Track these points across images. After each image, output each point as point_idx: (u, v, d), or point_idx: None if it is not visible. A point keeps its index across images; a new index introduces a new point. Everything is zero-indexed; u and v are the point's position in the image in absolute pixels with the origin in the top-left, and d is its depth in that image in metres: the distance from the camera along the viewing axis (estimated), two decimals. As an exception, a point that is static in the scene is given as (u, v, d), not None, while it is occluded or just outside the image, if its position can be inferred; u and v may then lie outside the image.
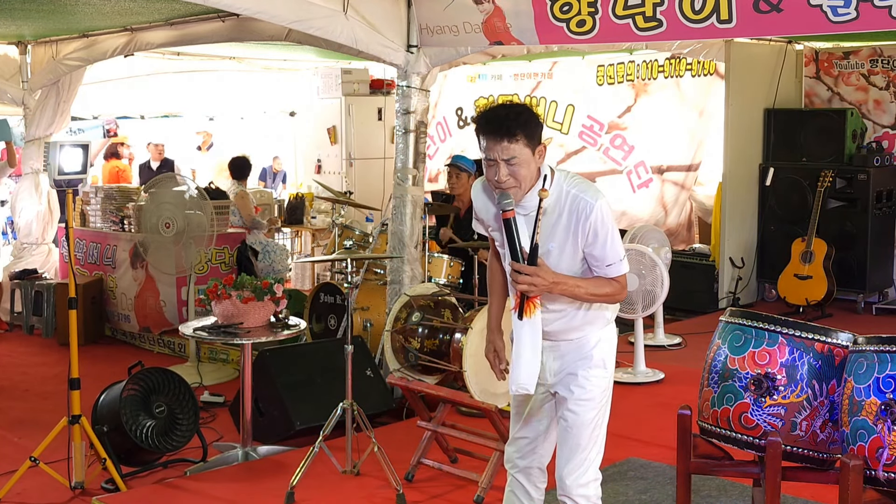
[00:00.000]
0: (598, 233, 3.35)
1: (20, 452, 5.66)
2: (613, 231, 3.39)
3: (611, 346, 3.60)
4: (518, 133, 3.29)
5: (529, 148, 3.32)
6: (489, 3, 6.10)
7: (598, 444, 3.55)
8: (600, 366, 3.53)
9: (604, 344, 3.56)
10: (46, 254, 10.23)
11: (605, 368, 3.55)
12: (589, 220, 3.34)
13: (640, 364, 7.11)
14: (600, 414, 3.55)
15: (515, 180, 3.33)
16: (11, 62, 9.99)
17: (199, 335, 5.50)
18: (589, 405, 3.50)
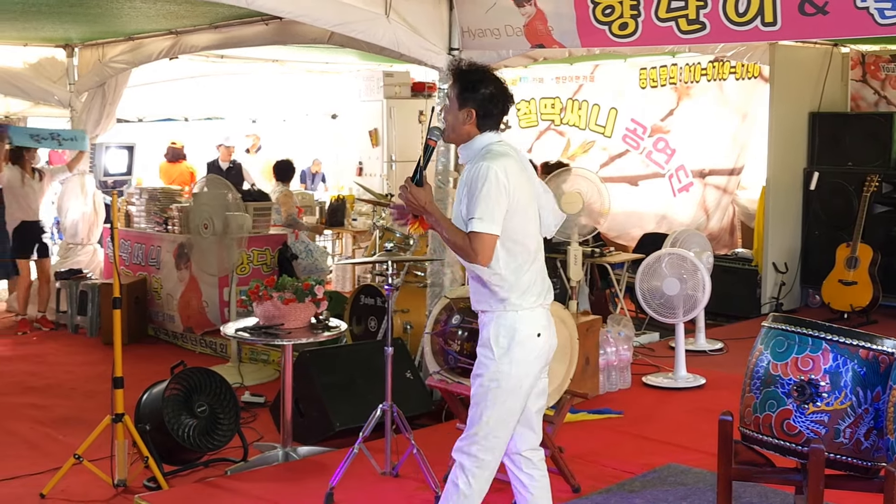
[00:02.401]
0: (471, 187, 3.63)
1: (64, 450, 5.73)
2: (487, 193, 3.58)
3: (502, 330, 3.68)
4: (456, 81, 3.80)
5: (457, 100, 3.77)
6: (531, 5, 6.09)
7: (481, 422, 3.69)
8: (486, 346, 3.70)
9: (492, 326, 3.70)
10: (92, 254, 10.36)
11: (491, 350, 3.68)
12: (471, 173, 3.66)
13: (680, 369, 7.06)
14: (485, 395, 3.69)
15: (443, 121, 3.84)
16: (59, 65, 10.13)
17: (240, 336, 5.54)
18: (476, 381, 3.73)
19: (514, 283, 3.69)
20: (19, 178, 9.51)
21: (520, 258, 3.71)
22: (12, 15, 7.77)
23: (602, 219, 7.28)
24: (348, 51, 8.82)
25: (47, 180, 9.78)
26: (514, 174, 3.68)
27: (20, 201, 9.56)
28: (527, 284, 3.72)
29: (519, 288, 3.70)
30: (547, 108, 11.97)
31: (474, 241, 3.59)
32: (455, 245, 3.67)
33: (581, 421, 6.13)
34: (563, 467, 4.90)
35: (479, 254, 3.59)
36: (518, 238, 3.70)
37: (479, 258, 3.60)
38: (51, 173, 9.91)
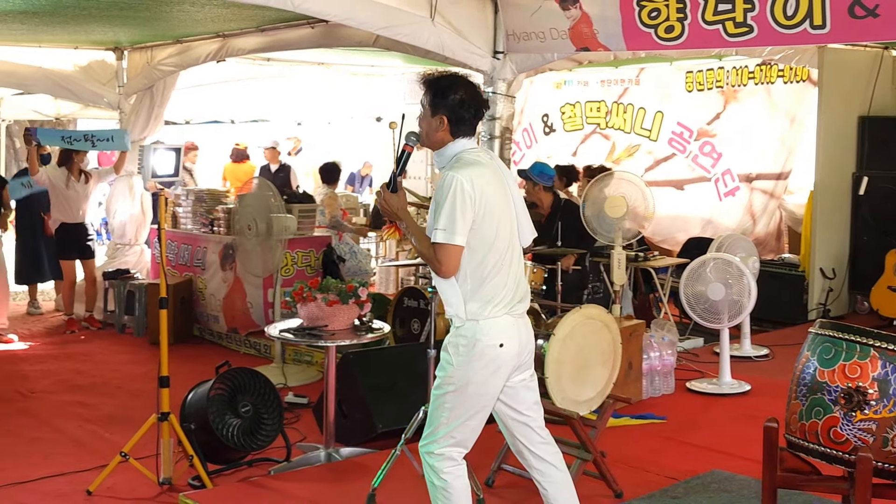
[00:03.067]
0: (438, 197, 3.66)
1: (111, 447, 5.80)
2: (451, 204, 3.60)
3: (461, 340, 3.70)
4: (427, 89, 3.82)
5: (430, 107, 3.80)
6: (576, 9, 6.08)
7: (439, 424, 3.75)
8: (446, 350, 3.75)
9: (456, 334, 3.74)
10: (139, 254, 10.48)
11: (450, 355, 3.72)
12: (439, 184, 3.69)
13: (725, 375, 7.00)
14: (444, 395, 3.74)
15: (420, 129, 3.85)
16: (108, 67, 10.27)
17: (284, 337, 5.58)
18: (438, 380, 3.78)
19: (475, 292, 3.69)
20: (64, 180, 9.62)
21: (486, 267, 3.70)
22: (64, 18, 7.89)
23: (646, 223, 7.24)
24: (393, 54, 8.85)
25: (93, 183, 9.86)
26: (483, 183, 3.67)
27: (62, 203, 9.67)
28: (490, 294, 3.70)
29: (481, 297, 3.69)
30: (592, 111, 11.92)
31: (438, 252, 3.62)
32: (422, 254, 3.72)
33: (624, 426, 6.09)
34: (606, 472, 4.87)
35: (443, 264, 3.62)
36: (485, 247, 3.68)
37: (443, 269, 3.63)
38: (98, 175, 10.02)
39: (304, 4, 5.63)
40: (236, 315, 8.89)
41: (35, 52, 9.76)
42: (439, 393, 3.76)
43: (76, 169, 9.68)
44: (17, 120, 14.63)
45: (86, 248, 9.85)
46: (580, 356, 4.75)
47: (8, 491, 5.37)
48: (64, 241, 9.78)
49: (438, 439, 3.77)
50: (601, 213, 7.07)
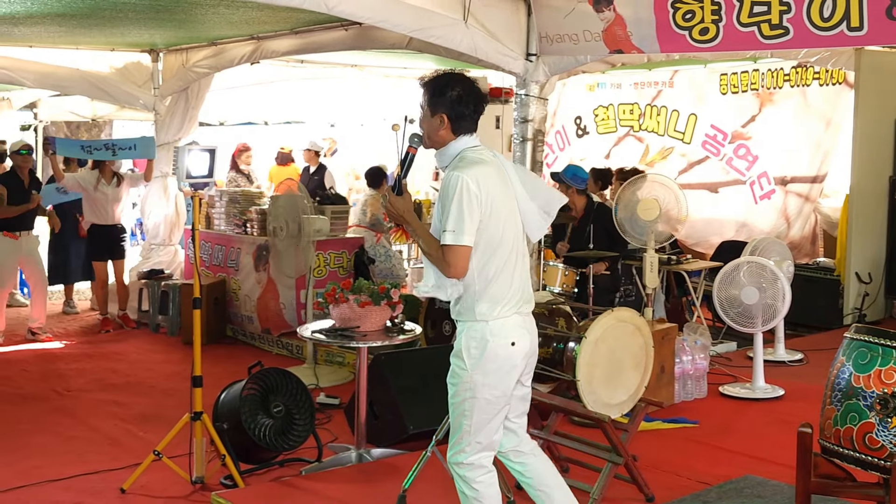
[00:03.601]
0: (443, 198, 3.66)
1: (144, 446, 5.85)
2: (458, 205, 3.59)
3: (474, 341, 3.70)
4: (425, 89, 3.83)
5: (428, 107, 3.80)
6: (610, 11, 6.06)
7: (461, 430, 3.75)
8: (458, 356, 3.72)
9: (464, 336, 3.73)
10: (173, 255, 10.56)
11: (463, 360, 3.70)
12: (443, 183, 3.69)
13: (759, 379, 6.94)
14: (462, 402, 3.72)
15: (422, 131, 3.84)
16: (144, 69, 10.36)
17: (316, 338, 5.60)
18: (451, 390, 3.77)
19: (484, 292, 3.69)
20: (93, 183, 9.72)
21: (492, 267, 3.70)
22: (100, 20, 7.97)
23: (680, 225, 7.20)
24: (426, 56, 8.86)
25: (125, 186, 9.95)
26: (488, 182, 3.67)
27: (92, 205, 9.79)
28: (499, 294, 3.71)
29: (489, 297, 3.70)
30: (625, 113, 11.88)
31: (447, 253, 3.61)
32: (430, 256, 3.70)
33: (656, 430, 6.07)
34: (637, 476, 4.85)
35: (452, 266, 3.62)
36: (491, 247, 3.69)
37: (452, 270, 3.63)
38: (129, 180, 10.11)
39: (339, 7, 5.65)
40: (269, 316, 8.94)
41: (72, 54, 9.86)
42: (457, 401, 3.75)
43: (108, 172, 9.77)
44: (54, 121, 14.79)
45: (117, 249, 9.94)
46: (612, 359, 4.73)
47: (44, 488, 5.43)
48: (96, 243, 9.89)
49: (465, 448, 3.76)
50: (634, 215, 7.04)
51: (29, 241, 9.43)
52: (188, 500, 5.23)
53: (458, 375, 3.73)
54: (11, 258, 9.38)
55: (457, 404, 3.75)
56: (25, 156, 9.38)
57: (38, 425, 6.68)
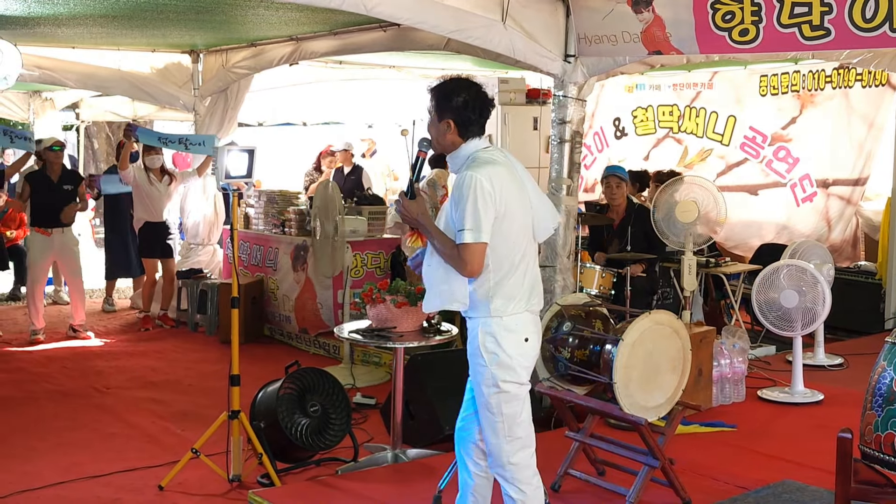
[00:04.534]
0: (457, 199, 3.73)
1: (182, 444, 5.91)
2: (473, 203, 3.67)
3: (489, 336, 3.79)
4: (431, 96, 3.91)
5: (435, 112, 3.89)
6: (649, 12, 6.02)
7: (496, 429, 3.83)
8: (477, 354, 3.81)
9: (479, 333, 3.81)
10: (212, 254, 10.64)
11: (482, 356, 3.79)
12: (457, 183, 3.76)
13: (798, 384, 6.88)
14: (489, 399, 3.81)
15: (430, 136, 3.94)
16: (184, 70, 10.45)
17: (353, 338, 5.62)
18: (479, 390, 3.86)
19: (498, 289, 3.78)
20: (147, 179, 9.84)
21: (506, 264, 3.79)
22: (142, 22, 8.05)
23: (718, 228, 7.15)
24: (464, 57, 8.86)
25: (176, 184, 10.06)
26: (501, 180, 3.76)
27: (145, 202, 9.89)
28: (512, 290, 3.81)
29: (503, 294, 3.79)
30: (664, 115, 11.81)
31: (464, 252, 3.69)
32: (446, 255, 3.76)
33: (693, 433, 6.03)
34: (674, 479, 4.82)
35: (468, 264, 3.69)
36: (505, 245, 3.78)
37: (468, 268, 3.70)
38: (181, 177, 10.21)
39: (377, 8, 5.67)
40: (307, 316, 8.98)
41: (113, 55, 9.97)
42: (484, 400, 3.83)
43: (157, 171, 9.88)
44: (95, 121, 14.96)
45: (166, 247, 10.05)
46: (649, 362, 4.71)
47: (84, 484, 5.50)
48: (147, 240, 10.00)
49: (505, 448, 3.82)
50: (672, 217, 7.00)
51: (63, 238, 9.47)
52: (225, 497, 5.27)
53: (480, 373, 3.82)
54: (44, 255, 9.46)
55: (484, 404, 3.84)
56: (57, 152, 9.47)
57: (78, 422, 6.76)
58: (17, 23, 7.85)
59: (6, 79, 8.07)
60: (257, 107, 13.08)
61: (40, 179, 9.40)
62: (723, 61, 9.71)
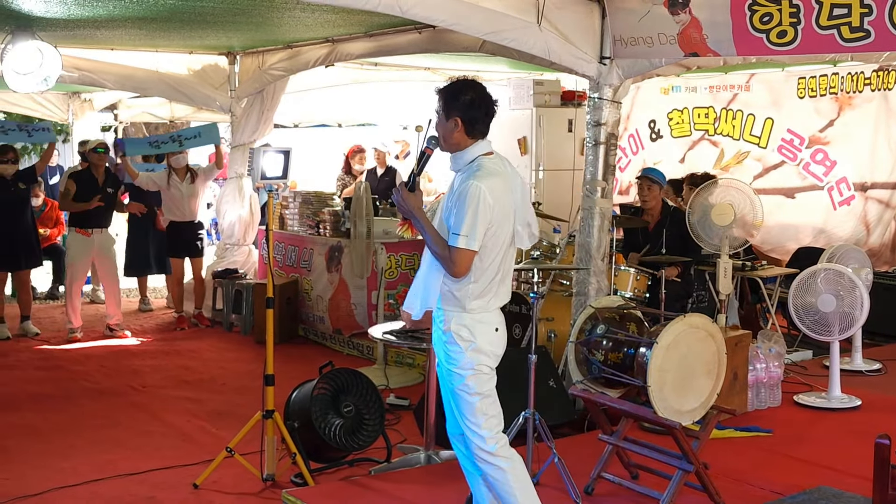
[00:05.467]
0: (458, 202, 3.91)
1: (217, 442, 5.95)
2: (473, 212, 3.86)
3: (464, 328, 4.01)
4: (439, 96, 4.09)
5: (443, 112, 4.05)
6: (686, 13, 5.99)
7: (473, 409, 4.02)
8: (452, 342, 4.03)
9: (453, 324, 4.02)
10: (247, 255, 10.70)
11: (457, 343, 4.01)
12: (459, 189, 3.93)
13: (835, 389, 6.81)
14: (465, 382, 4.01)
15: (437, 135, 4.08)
16: (221, 72, 10.52)
17: (387, 339, 5.63)
18: (452, 375, 4.05)
19: (477, 292, 4.01)
20: (165, 180, 9.92)
21: (489, 272, 4.01)
22: (179, 24, 8.11)
23: (755, 231, 7.10)
24: (499, 59, 8.86)
25: (200, 182, 10.12)
26: (499, 193, 3.97)
27: (168, 202, 9.99)
28: (487, 291, 4.03)
29: (481, 296, 4.02)
30: (700, 117, 11.74)
31: (455, 254, 3.89)
32: (436, 253, 3.97)
33: (727, 438, 5.99)
34: (708, 484, 4.79)
35: (456, 266, 3.90)
36: (490, 255, 3.99)
37: (455, 270, 3.91)
38: (204, 174, 10.27)
39: (413, 10, 5.68)
40: (341, 316, 9.01)
41: (151, 57, 10.05)
42: (459, 384, 4.02)
43: (181, 170, 9.95)
44: (133, 122, 15.10)
45: (194, 247, 10.11)
46: (684, 365, 4.68)
47: (119, 482, 5.55)
48: (173, 239, 10.08)
49: (480, 425, 4.02)
50: (707, 220, 6.96)
51: (102, 238, 9.60)
52: (259, 496, 5.30)
53: (455, 359, 4.02)
54: (83, 255, 9.59)
55: (458, 387, 4.03)
56: (101, 154, 9.59)
57: (114, 420, 6.83)
58: (58, 25, 7.94)
59: (47, 80, 8.17)
60: (293, 108, 13.13)
61: (86, 180, 9.52)
62: (760, 63, 9.63)
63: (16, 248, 9.56)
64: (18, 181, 9.54)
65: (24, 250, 9.64)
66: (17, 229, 9.55)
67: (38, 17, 7.55)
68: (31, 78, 8.11)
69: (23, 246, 9.62)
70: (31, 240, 9.76)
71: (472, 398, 4.04)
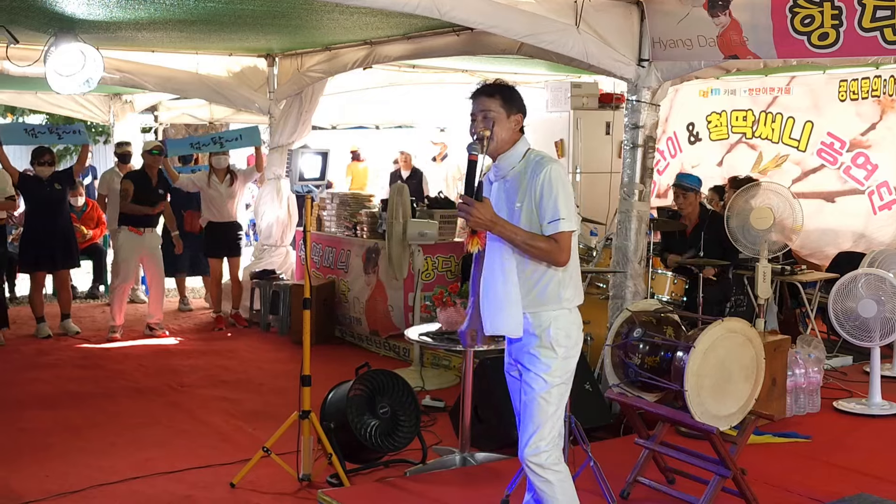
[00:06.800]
0: (544, 190, 3.76)
1: (253, 442, 5.98)
2: (563, 192, 3.76)
3: (562, 331, 3.86)
4: (496, 94, 3.93)
5: (504, 110, 3.90)
6: (726, 16, 5.95)
7: (548, 419, 3.84)
8: (549, 346, 3.84)
9: (555, 328, 3.84)
10: (284, 256, 10.76)
11: (554, 350, 3.84)
12: (538, 178, 3.78)
13: (875, 395, 6.73)
14: (550, 391, 3.83)
15: (491, 131, 3.87)
16: (260, 73, 10.58)
17: (423, 340, 5.64)
18: (539, 382, 3.84)
19: (569, 277, 3.89)
20: (205, 181, 10.01)
21: (573, 252, 3.89)
22: (219, 26, 8.18)
23: (794, 235, 7.03)
24: (537, 61, 8.85)
25: (239, 183, 10.20)
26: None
27: (207, 203, 10.08)
28: (578, 278, 3.96)
29: (573, 283, 3.92)
30: (738, 120, 11.65)
31: (562, 240, 3.77)
32: (540, 250, 3.77)
33: (766, 443, 5.94)
34: (746, 490, 4.76)
35: (565, 251, 3.78)
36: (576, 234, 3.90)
37: (565, 256, 3.78)
38: (243, 175, 10.35)
39: (451, 12, 5.68)
40: (377, 318, 9.03)
41: (192, 59, 10.14)
42: (543, 392, 3.85)
43: (220, 171, 10.03)
44: (173, 123, 15.24)
45: (234, 246, 10.19)
46: (721, 370, 4.65)
47: (157, 480, 5.60)
48: (211, 240, 10.15)
49: (547, 437, 3.87)
50: (746, 224, 6.91)
51: (152, 238, 9.77)
52: (295, 496, 5.32)
53: (546, 365, 3.85)
54: (134, 253, 9.72)
55: (543, 394, 3.85)
56: (156, 156, 9.71)
57: (152, 418, 6.89)
58: (100, 27, 8.03)
59: (89, 82, 8.26)
60: (331, 110, 13.19)
61: (141, 180, 9.65)
62: (801, 66, 9.54)
63: (53, 248, 9.68)
64: (55, 182, 9.67)
65: (61, 251, 9.74)
66: (55, 230, 9.66)
67: (80, 20, 7.65)
68: (74, 79, 8.21)
69: (60, 246, 9.73)
70: (69, 240, 9.86)
71: (553, 409, 3.87)
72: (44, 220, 9.60)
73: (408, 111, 14.58)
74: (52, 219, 9.62)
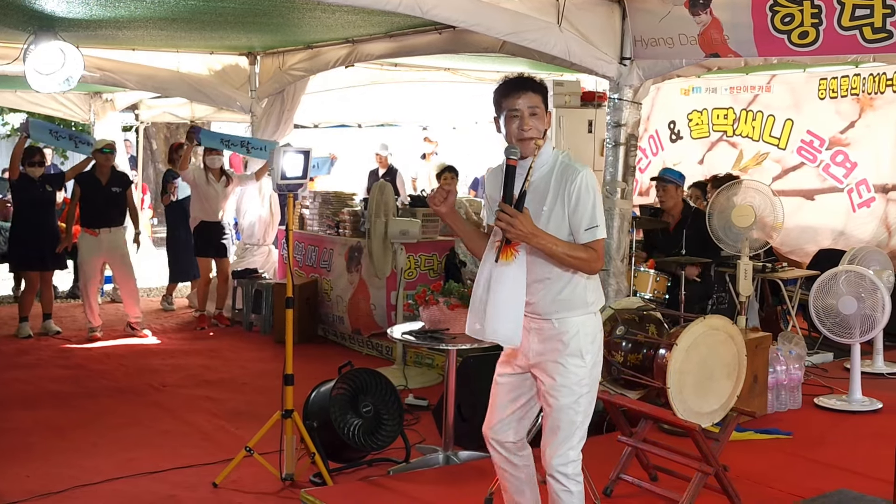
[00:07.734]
0: (580, 198, 3.63)
1: (236, 442, 5.97)
2: (595, 199, 3.66)
3: (589, 337, 3.75)
4: (540, 90, 3.74)
5: (544, 105, 3.73)
6: (707, 14, 5.97)
7: (577, 428, 3.73)
8: (577, 354, 3.71)
9: (582, 335, 3.72)
10: (267, 255, 10.74)
11: (582, 358, 3.71)
12: (573, 185, 3.64)
13: (855, 392, 6.78)
14: (579, 401, 3.72)
15: (537, 131, 3.68)
16: (242, 72, 10.55)
17: (406, 339, 5.64)
18: (565, 391, 3.70)
19: (592, 281, 3.80)
20: (205, 178, 9.97)
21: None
22: (200, 24, 8.15)
23: (775, 233, 7.07)
24: (519, 60, 8.85)
25: (233, 185, 10.19)
26: None
27: (202, 202, 10.02)
28: (599, 283, 3.87)
29: (596, 286, 3.83)
30: (719, 118, 11.70)
31: (599, 248, 3.68)
32: (580, 259, 3.62)
33: (747, 440, 5.97)
34: (728, 486, 4.78)
35: (601, 258, 3.69)
36: None
37: (601, 263, 3.70)
38: (238, 180, 10.34)
39: (433, 11, 5.68)
40: (360, 316, 9.03)
41: (173, 57, 10.09)
42: (571, 401, 3.70)
43: (217, 171, 10.00)
44: (154, 122, 15.17)
45: (221, 247, 10.17)
46: (703, 367, 4.67)
47: (139, 480, 5.58)
48: (202, 239, 10.11)
49: (577, 446, 3.76)
50: (728, 222, 6.94)
51: (111, 237, 9.61)
52: (278, 496, 5.32)
53: (575, 374, 3.71)
54: (92, 255, 9.62)
55: (571, 403, 3.71)
56: (107, 154, 9.62)
57: (135, 418, 6.87)
58: (80, 25, 7.99)
59: (69, 80, 8.22)
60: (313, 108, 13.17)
61: (89, 181, 9.57)
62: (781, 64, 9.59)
63: (43, 249, 9.64)
64: (46, 183, 9.62)
65: (50, 252, 9.71)
66: (45, 230, 9.63)
67: (60, 18, 7.60)
68: (54, 78, 8.16)
69: (49, 247, 9.69)
70: (57, 241, 9.82)
71: (580, 419, 3.74)
72: (34, 220, 9.56)
73: (390, 109, 14.57)
74: (42, 219, 9.59)
